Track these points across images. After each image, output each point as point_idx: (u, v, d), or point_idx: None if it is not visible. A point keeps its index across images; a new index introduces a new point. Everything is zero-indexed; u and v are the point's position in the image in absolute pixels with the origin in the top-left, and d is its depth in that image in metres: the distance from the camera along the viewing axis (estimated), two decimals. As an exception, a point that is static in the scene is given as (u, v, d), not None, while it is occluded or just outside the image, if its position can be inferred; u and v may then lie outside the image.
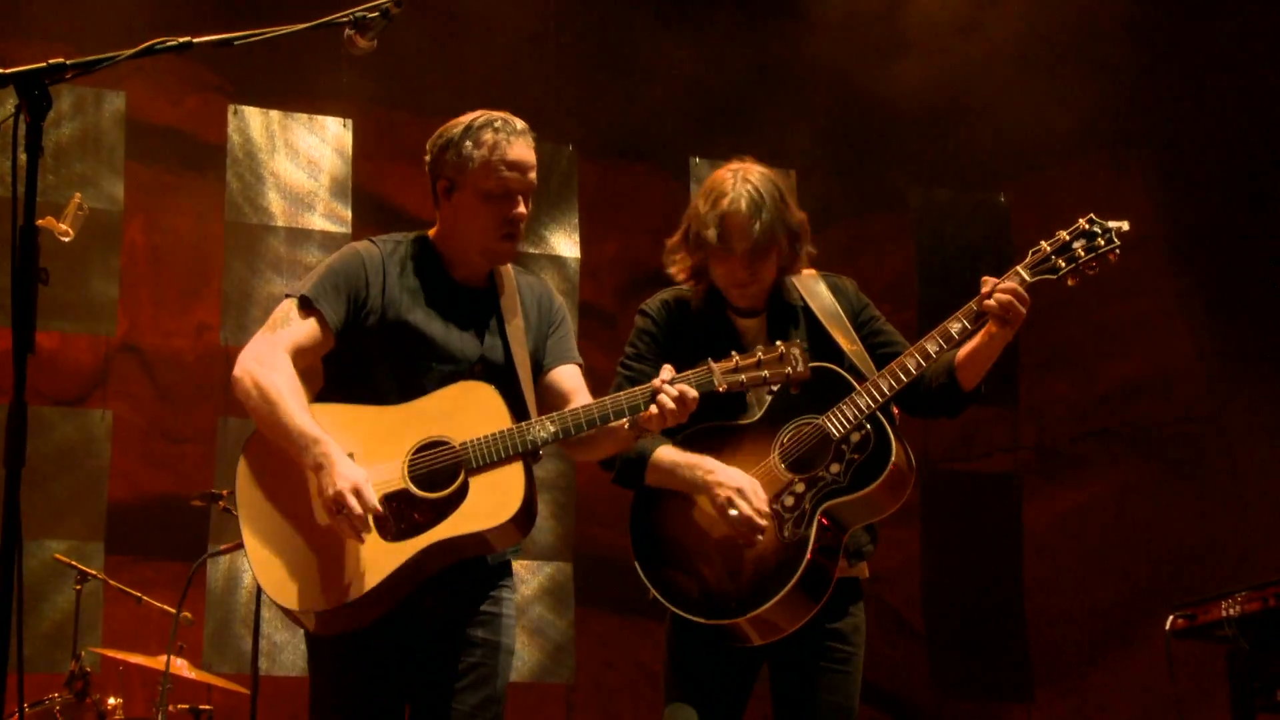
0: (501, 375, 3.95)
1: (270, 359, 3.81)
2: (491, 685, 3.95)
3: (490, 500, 3.74)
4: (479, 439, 3.77)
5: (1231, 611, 5.10)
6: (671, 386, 3.77)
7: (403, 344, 3.92)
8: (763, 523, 4.11)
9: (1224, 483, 9.37)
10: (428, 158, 4.03)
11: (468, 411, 3.82)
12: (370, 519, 3.67)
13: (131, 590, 7.07)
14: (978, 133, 9.47)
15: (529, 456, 3.82)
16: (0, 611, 2.77)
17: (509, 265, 4.17)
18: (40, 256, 2.89)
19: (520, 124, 4.00)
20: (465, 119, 4.00)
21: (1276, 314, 9.29)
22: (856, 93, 9.13)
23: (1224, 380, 9.51)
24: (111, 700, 6.71)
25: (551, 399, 4.06)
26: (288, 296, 3.93)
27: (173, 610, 6.98)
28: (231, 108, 8.71)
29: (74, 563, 7.02)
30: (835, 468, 4.18)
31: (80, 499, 8.15)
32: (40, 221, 3.00)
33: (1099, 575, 9.53)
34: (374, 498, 3.67)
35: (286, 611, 3.79)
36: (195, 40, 3.13)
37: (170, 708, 6.80)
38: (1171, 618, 5.28)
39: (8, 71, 2.89)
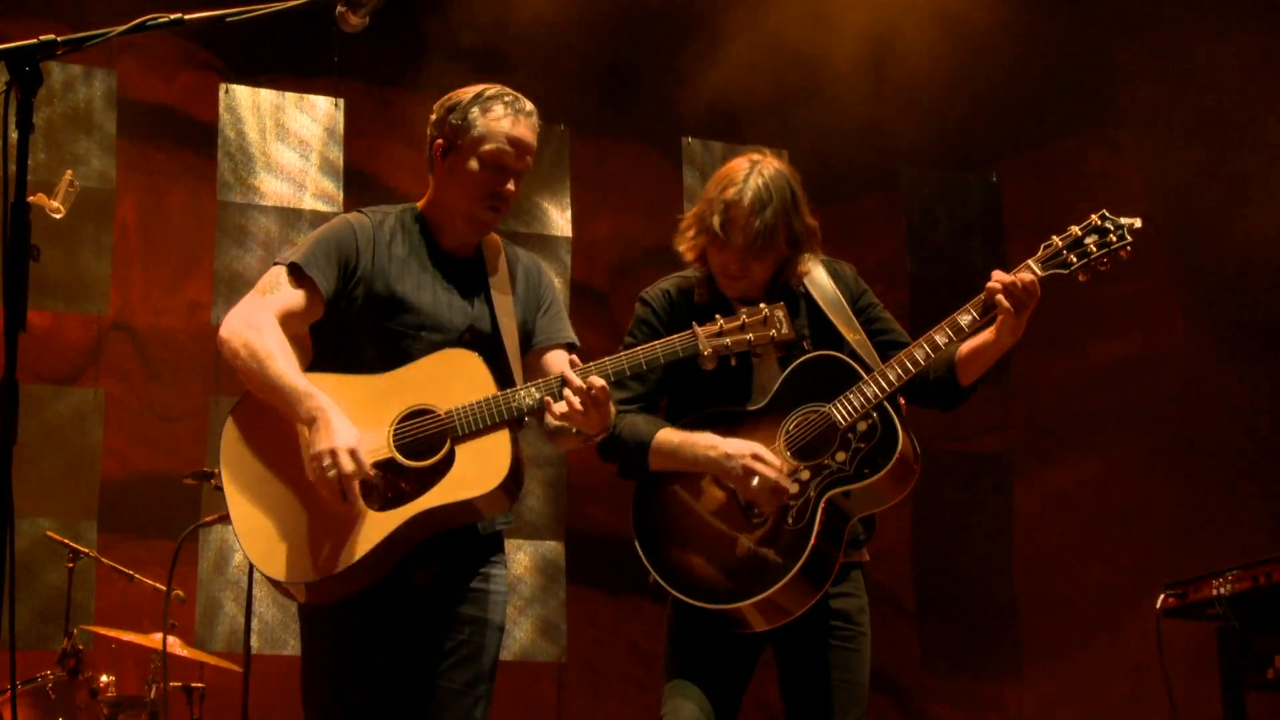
0: (488, 344, 3.96)
1: (258, 320, 3.81)
2: (480, 662, 3.95)
3: (477, 468, 3.74)
4: (464, 406, 3.76)
5: (1222, 590, 5.12)
6: (577, 377, 3.76)
7: (391, 314, 3.93)
8: (788, 485, 4.11)
9: (1215, 461, 9.38)
10: (433, 117, 4.04)
11: (452, 379, 3.82)
12: (357, 485, 3.67)
13: (123, 568, 7.08)
14: (969, 111, 9.47)
15: (515, 423, 3.82)
16: (-8, 588, 2.78)
17: (498, 237, 4.18)
18: (31, 234, 2.89)
19: (530, 106, 4.04)
20: (479, 87, 4.04)
21: (1267, 293, 9.30)
22: (848, 72, 9.11)
23: (1214, 359, 9.51)
24: (104, 678, 6.71)
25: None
26: (277, 264, 3.93)
27: (164, 588, 6.99)
28: (223, 86, 8.70)
29: (66, 540, 7.02)
30: (841, 456, 4.16)
31: (72, 477, 8.14)
32: (32, 199, 2.99)
33: (1089, 554, 9.55)
34: (366, 460, 3.67)
35: (274, 582, 3.79)
36: (187, 17, 3.13)
37: (162, 685, 6.81)
38: (1162, 596, 5.29)
39: (-1, 48, 2.89)
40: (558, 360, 4.09)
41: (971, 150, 9.74)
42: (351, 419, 3.73)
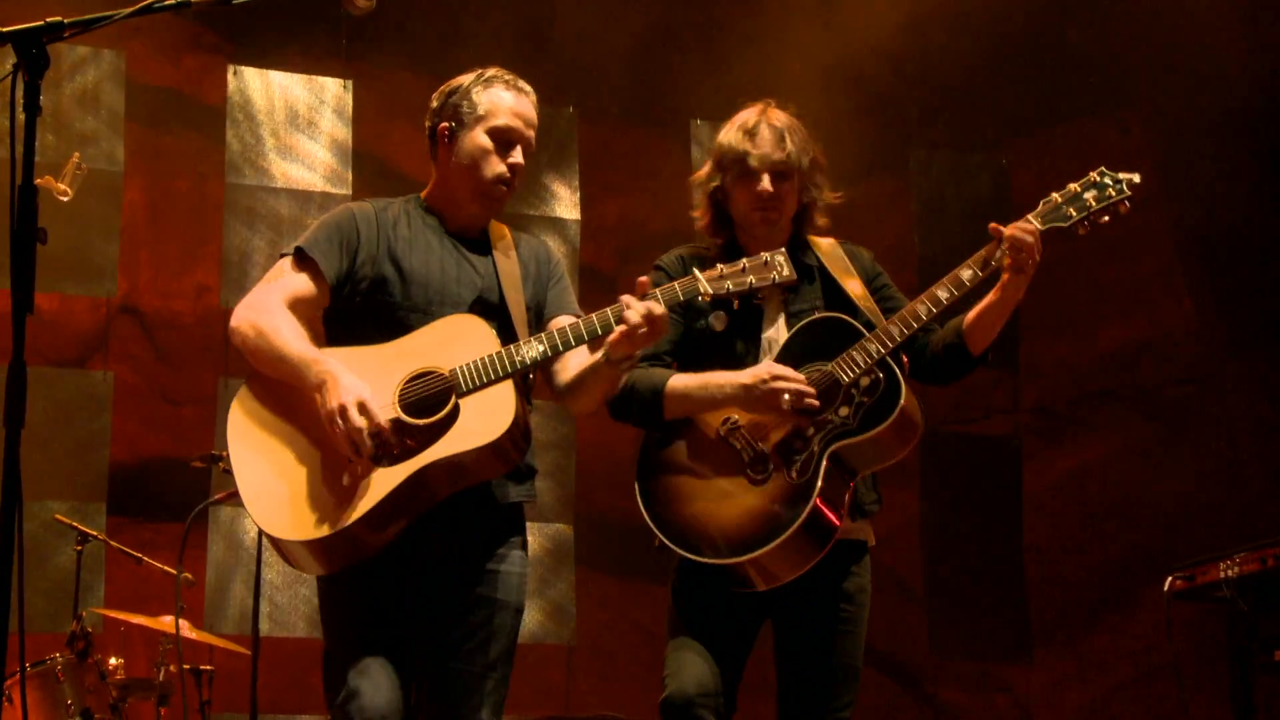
0: (496, 315, 3.99)
1: (265, 304, 3.90)
2: (496, 645, 3.95)
3: (482, 419, 3.75)
4: (468, 364, 3.79)
5: (1230, 572, 5.13)
6: (640, 303, 3.76)
7: (400, 291, 3.97)
8: (811, 391, 4.14)
9: (1223, 444, 9.37)
10: (434, 104, 4.12)
11: (456, 341, 3.85)
12: (368, 438, 3.69)
13: (132, 551, 7.09)
14: (978, 93, 9.45)
15: (519, 376, 3.84)
16: (1, 571, 2.78)
17: (504, 225, 4.22)
18: (39, 216, 2.90)
19: (528, 86, 4.14)
20: (477, 70, 4.13)
21: (1276, 275, 9.28)
22: (857, 54, 9.10)
23: (1223, 341, 9.50)
24: (113, 660, 6.73)
25: None
26: (283, 255, 4.00)
27: (173, 571, 7.01)
28: (231, 68, 8.68)
29: (75, 524, 7.03)
30: (844, 411, 4.18)
31: (81, 460, 8.14)
32: (39, 181, 3.00)
33: (1098, 537, 9.55)
34: (378, 412, 3.71)
35: (285, 549, 3.82)
36: (194, 0, 3.13)
37: (171, 668, 6.83)
38: (1170, 579, 5.30)
39: (5, 30, 2.88)
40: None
41: (980, 132, 9.73)
42: None
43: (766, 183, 4.34)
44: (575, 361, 4.00)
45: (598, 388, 4.01)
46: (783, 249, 3.91)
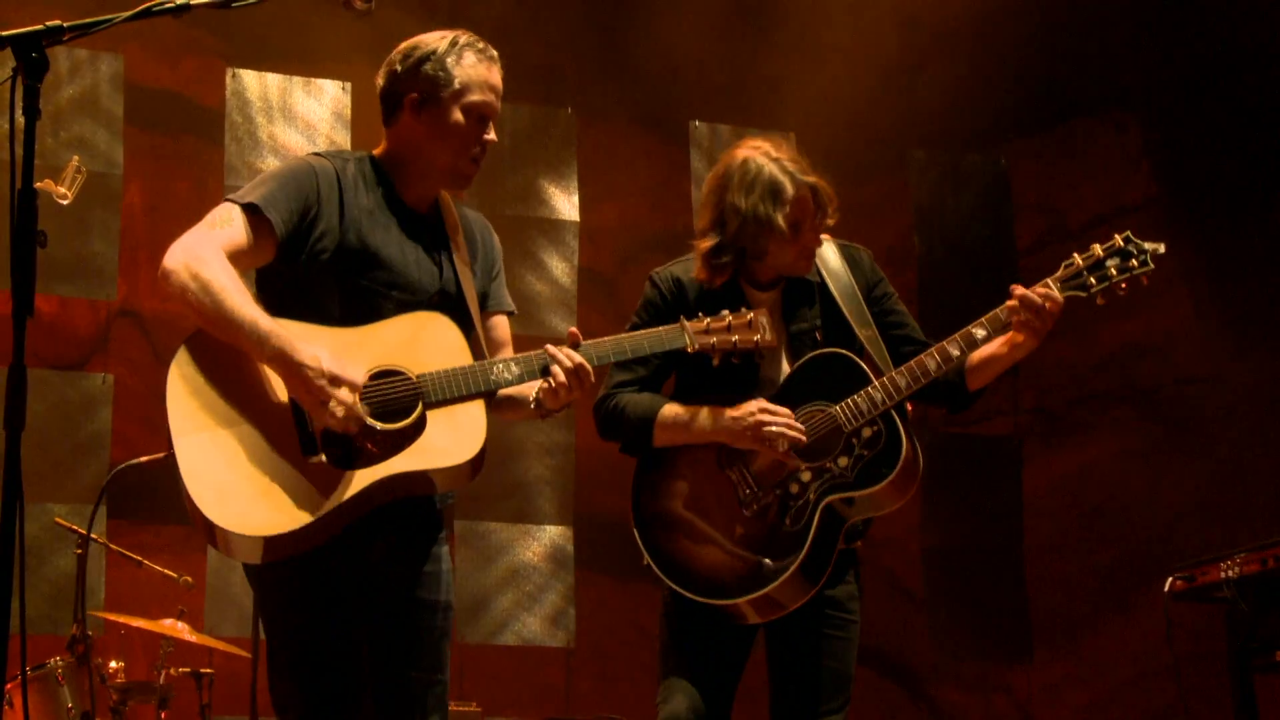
0: (455, 308, 3.85)
1: (203, 253, 3.59)
2: (441, 648, 3.90)
3: (450, 437, 3.62)
4: (438, 373, 3.65)
5: (1230, 573, 5.13)
6: (568, 359, 3.70)
7: (363, 269, 3.76)
8: (800, 430, 4.13)
9: (1223, 444, 9.37)
10: (397, 67, 3.90)
11: (425, 343, 3.70)
12: (349, 409, 3.53)
13: (132, 554, 7.08)
14: (977, 93, 9.44)
15: (489, 396, 3.73)
16: (1, 574, 2.78)
17: (448, 194, 4.05)
18: (39, 219, 2.90)
19: (495, 52, 3.96)
20: (444, 34, 3.93)
21: (1276, 275, 9.28)
22: (855, 54, 9.10)
23: (1223, 342, 9.50)
24: (113, 663, 6.73)
25: (486, 345, 3.97)
26: (230, 200, 3.72)
27: (173, 574, 7.00)
28: (230, 71, 8.68)
29: (74, 526, 7.02)
30: (844, 461, 4.17)
31: (81, 463, 8.14)
32: (38, 184, 3.00)
33: (1098, 537, 9.54)
34: (355, 374, 3.53)
35: (222, 536, 3.53)
36: (193, 2, 3.13)
37: (172, 670, 6.82)
38: (1170, 579, 5.30)
39: (5, 34, 2.89)
40: (502, 325, 4.07)
41: (979, 132, 9.72)
42: None
43: (813, 237, 4.32)
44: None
45: (516, 414, 3.98)
46: (765, 311, 3.94)
